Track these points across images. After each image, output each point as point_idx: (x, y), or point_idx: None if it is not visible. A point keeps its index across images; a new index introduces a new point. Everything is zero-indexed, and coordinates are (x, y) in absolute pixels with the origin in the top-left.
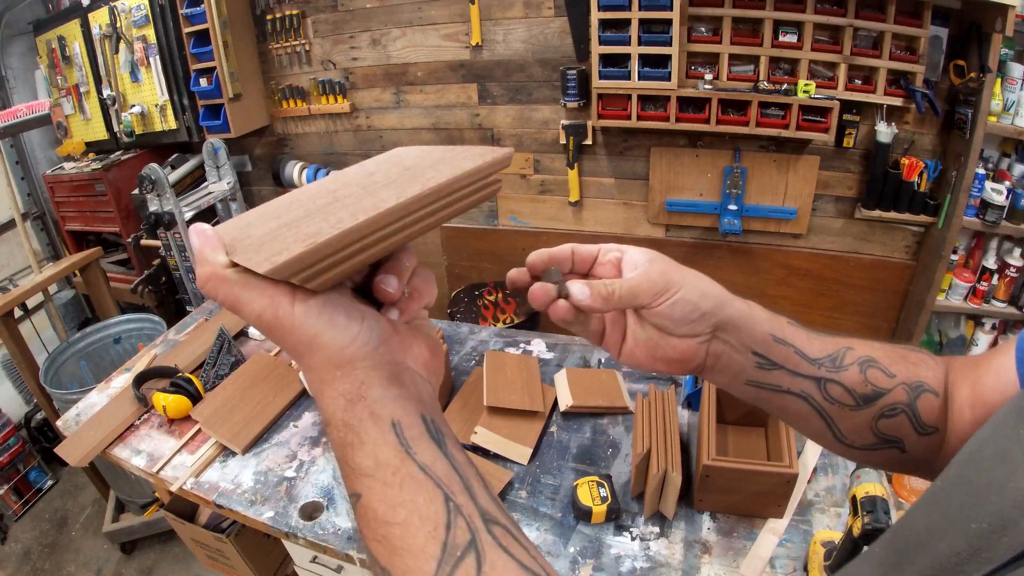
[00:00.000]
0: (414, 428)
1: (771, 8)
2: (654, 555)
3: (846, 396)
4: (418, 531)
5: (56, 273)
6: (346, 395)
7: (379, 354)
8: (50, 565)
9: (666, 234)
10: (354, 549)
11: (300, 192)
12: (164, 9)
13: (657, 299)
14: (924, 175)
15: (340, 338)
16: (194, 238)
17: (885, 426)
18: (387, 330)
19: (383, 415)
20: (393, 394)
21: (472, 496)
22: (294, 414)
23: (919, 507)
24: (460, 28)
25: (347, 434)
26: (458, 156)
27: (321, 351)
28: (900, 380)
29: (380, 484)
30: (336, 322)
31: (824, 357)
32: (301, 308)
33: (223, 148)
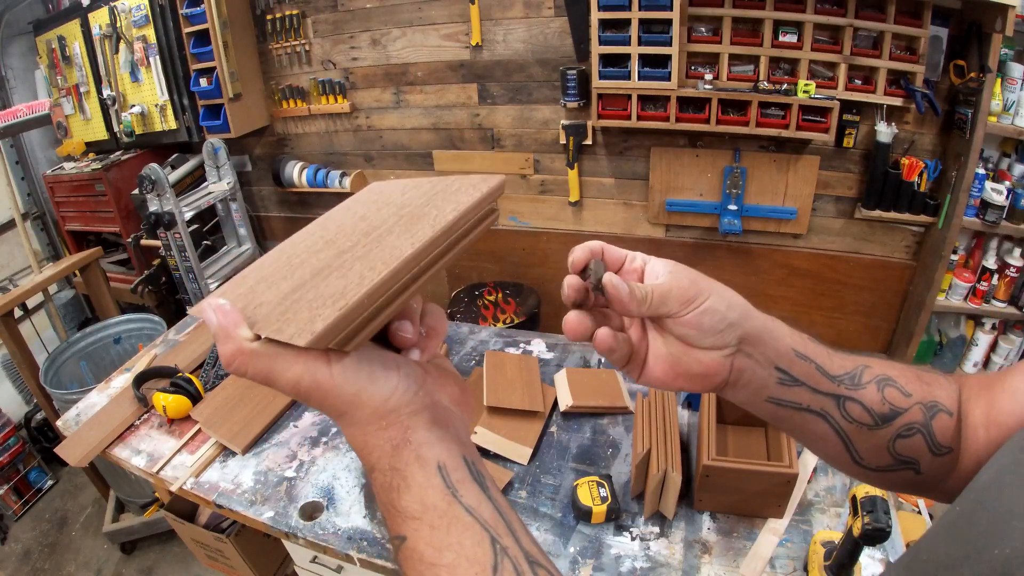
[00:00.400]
0: (459, 471)
1: (771, 8)
2: (654, 555)
3: (865, 415)
4: (466, 573)
5: (56, 273)
6: (392, 441)
7: (419, 398)
8: (50, 565)
9: (666, 234)
10: (354, 549)
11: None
12: (164, 9)
13: (686, 307)
14: (924, 175)
15: (382, 391)
16: (211, 315)
17: (902, 447)
18: (420, 374)
19: (428, 458)
20: (437, 436)
21: (516, 539)
22: (294, 414)
23: (938, 533)
24: (460, 28)
25: (393, 478)
26: (449, 189)
27: (365, 406)
28: (916, 400)
29: (427, 527)
30: (375, 376)
31: (843, 375)
32: (339, 369)
33: (223, 148)
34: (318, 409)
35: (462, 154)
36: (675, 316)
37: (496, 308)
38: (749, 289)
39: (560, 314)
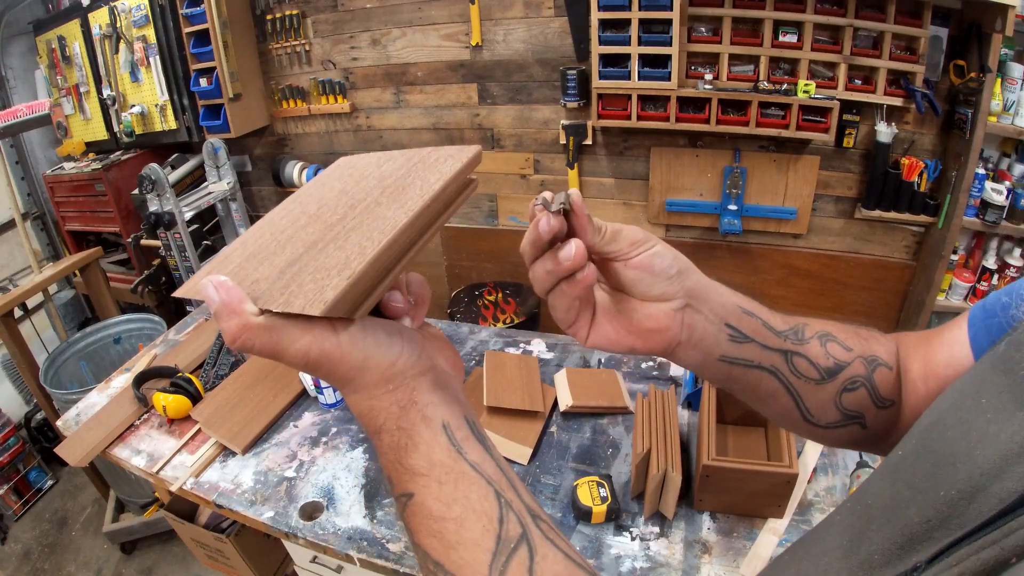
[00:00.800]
0: (462, 429)
1: (771, 8)
2: (654, 555)
3: (811, 370)
4: (473, 525)
5: (56, 273)
6: (399, 402)
7: (422, 361)
8: (50, 565)
9: (666, 234)
10: (354, 549)
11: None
12: (164, 9)
13: (636, 248)
14: (924, 175)
15: (388, 355)
16: (212, 292)
17: (848, 400)
18: (420, 339)
19: (434, 418)
20: (440, 396)
21: (518, 493)
22: (294, 414)
23: (882, 476)
24: (460, 28)
25: (400, 437)
26: (427, 160)
27: (372, 371)
28: (857, 354)
29: (435, 483)
30: (380, 342)
31: (787, 330)
32: (346, 336)
33: (223, 148)
34: (325, 379)
35: None
36: (625, 257)
37: (496, 308)
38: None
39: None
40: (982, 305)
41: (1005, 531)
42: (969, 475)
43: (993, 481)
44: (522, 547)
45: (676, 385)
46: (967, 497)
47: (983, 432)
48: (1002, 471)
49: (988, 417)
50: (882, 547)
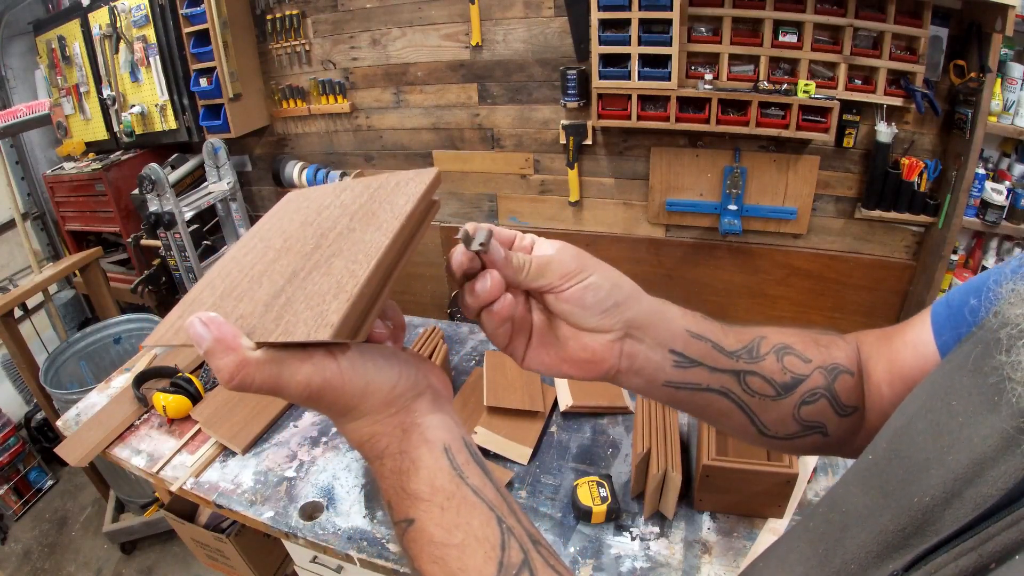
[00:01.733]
0: (462, 453)
1: (771, 8)
2: (654, 555)
3: (766, 387)
4: (476, 552)
5: (56, 273)
6: (401, 425)
7: (420, 382)
8: (50, 565)
9: (666, 234)
10: (354, 549)
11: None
12: (164, 9)
13: (567, 280)
14: (924, 175)
15: (389, 378)
16: (200, 330)
17: (807, 412)
18: (414, 360)
19: (435, 440)
20: (439, 419)
21: (518, 518)
22: (294, 414)
23: (854, 482)
24: (460, 28)
25: (403, 461)
26: (387, 185)
27: (374, 396)
28: (816, 364)
29: (437, 509)
30: (380, 365)
31: (740, 349)
32: (346, 362)
33: (223, 148)
34: (325, 411)
35: (462, 154)
36: (556, 290)
37: None
38: (749, 289)
39: None
40: (946, 302)
41: (982, 537)
42: (943, 481)
43: (967, 487)
44: (523, 574)
45: None
46: (942, 503)
47: (955, 436)
48: (976, 476)
49: (960, 421)
50: (857, 556)
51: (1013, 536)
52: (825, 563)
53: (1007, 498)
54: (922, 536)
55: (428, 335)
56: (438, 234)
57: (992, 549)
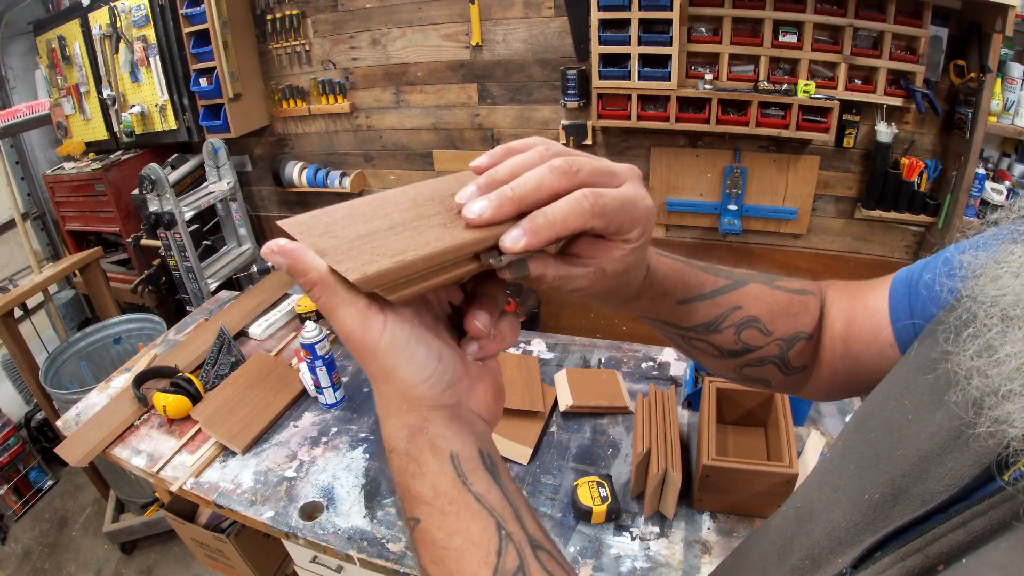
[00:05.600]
0: (471, 461)
1: (771, 8)
2: (654, 555)
3: (710, 348)
4: (472, 557)
5: (56, 273)
6: (410, 426)
7: (445, 397)
8: (50, 565)
9: (666, 234)
10: (354, 549)
11: (384, 199)
12: (164, 9)
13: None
14: (924, 175)
15: (414, 376)
16: (278, 259)
17: (750, 372)
18: (458, 372)
19: (443, 448)
20: (454, 430)
21: (522, 524)
22: (294, 414)
23: (813, 478)
24: (460, 28)
25: (408, 463)
26: None
27: (394, 383)
28: (776, 337)
29: (438, 512)
30: (415, 359)
31: (699, 324)
32: (388, 338)
33: (223, 148)
34: (362, 365)
35: (462, 154)
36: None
37: None
38: None
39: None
40: (907, 275)
41: (929, 538)
42: (891, 477)
43: (914, 483)
44: None
45: (676, 385)
46: (891, 500)
47: (904, 432)
48: (923, 472)
49: (909, 418)
50: (811, 552)
51: (960, 537)
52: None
53: (958, 495)
54: (871, 531)
55: None
56: None
57: (939, 550)
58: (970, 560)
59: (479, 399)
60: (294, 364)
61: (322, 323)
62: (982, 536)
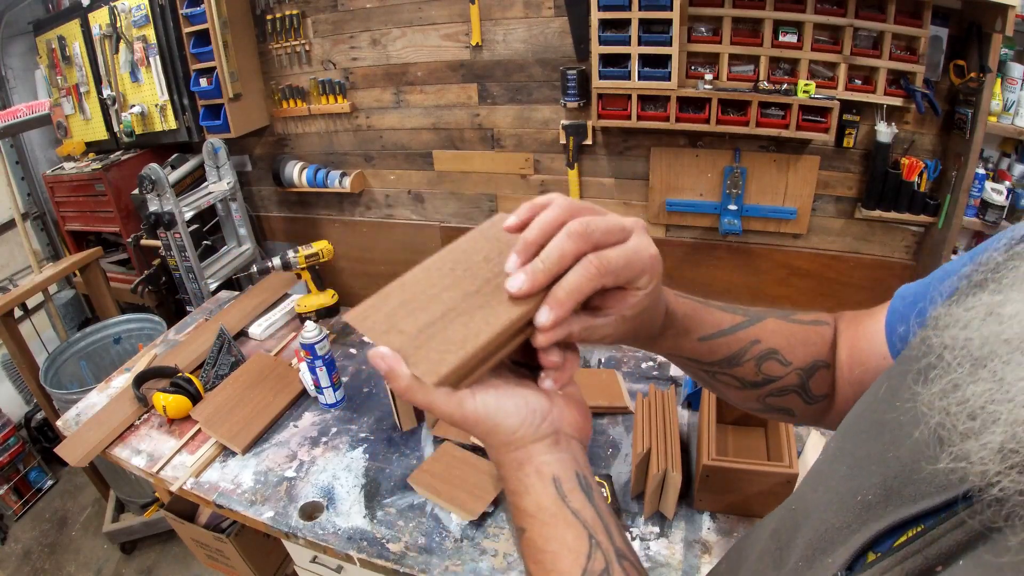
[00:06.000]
0: (569, 482)
1: (771, 8)
2: (654, 555)
3: (733, 381)
4: (565, 559)
5: (56, 273)
6: (517, 460)
7: (542, 429)
8: (50, 565)
9: (666, 234)
10: (354, 549)
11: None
12: (164, 9)
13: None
14: (924, 175)
15: (511, 426)
16: (379, 364)
17: (773, 402)
18: (544, 406)
19: (546, 473)
20: (556, 456)
21: (610, 536)
22: (294, 414)
23: (807, 482)
24: (460, 28)
25: (517, 485)
26: None
27: (498, 435)
28: (795, 367)
29: (539, 523)
30: (508, 413)
31: (723, 359)
32: (481, 407)
33: (223, 148)
34: (469, 432)
35: (462, 154)
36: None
37: None
38: (749, 289)
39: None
40: (901, 296)
41: (928, 539)
42: (884, 478)
43: (906, 484)
44: None
45: (676, 385)
46: (883, 501)
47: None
48: (914, 473)
49: (901, 420)
50: (805, 553)
51: (958, 537)
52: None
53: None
54: (865, 531)
55: None
56: (438, 234)
57: (937, 551)
58: (966, 561)
59: (570, 421)
60: (294, 364)
61: (322, 323)
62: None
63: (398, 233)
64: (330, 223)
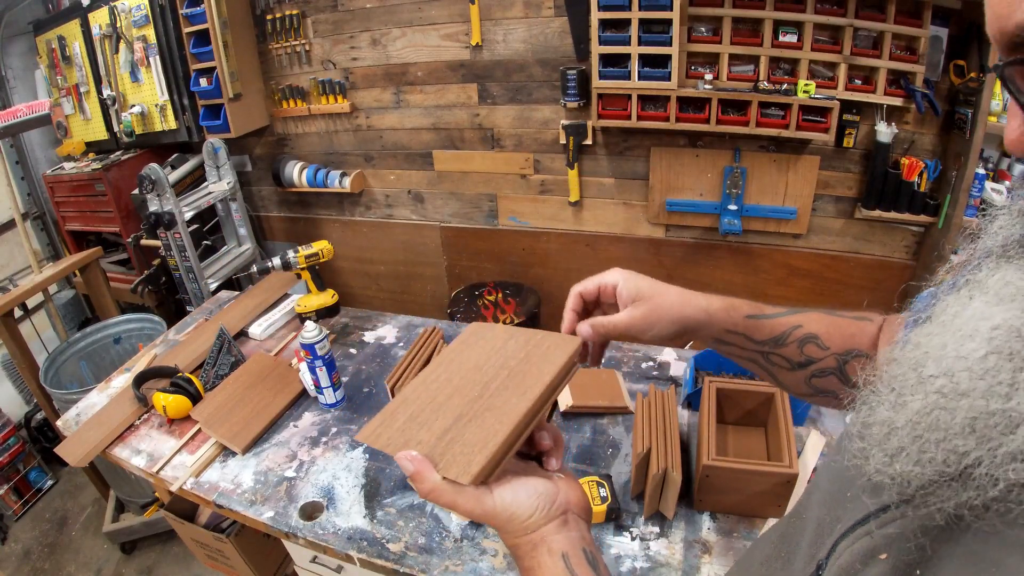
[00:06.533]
0: (577, 558)
1: (771, 8)
2: (654, 555)
3: (783, 362)
4: None
5: (56, 273)
6: (531, 542)
7: (551, 513)
8: (50, 565)
9: (666, 234)
10: (354, 549)
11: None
12: (164, 9)
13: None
14: (924, 175)
15: (526, 515)
16: (408, 463)
17: (818, 383)
18: (553, 491)
19: (556, 550)
20: (564, 535)
21: None
22: (294, 414)
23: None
24: (460, 28)
25: (531, 563)
26: (540, 346)
27: (514, 523)
28: (832, 352)
29: None
30: (522, 504)
31: (769, 339)
32: (499, 503)
33: (223, 148)
34: (488, 525)
35: (462, 154)
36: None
37: (496, 308)
38: (749, 289)
39: (560, 314)
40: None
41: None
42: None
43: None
44: None
45: (676, 385)
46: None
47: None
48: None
49: None
50: (805, 553)
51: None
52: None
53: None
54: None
55: (428, 335)
56: (438, 234)
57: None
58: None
59: (575, 501)
60: (294, 364)
61: (322, 323)
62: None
63: (398, 233)
64: (330, 223)
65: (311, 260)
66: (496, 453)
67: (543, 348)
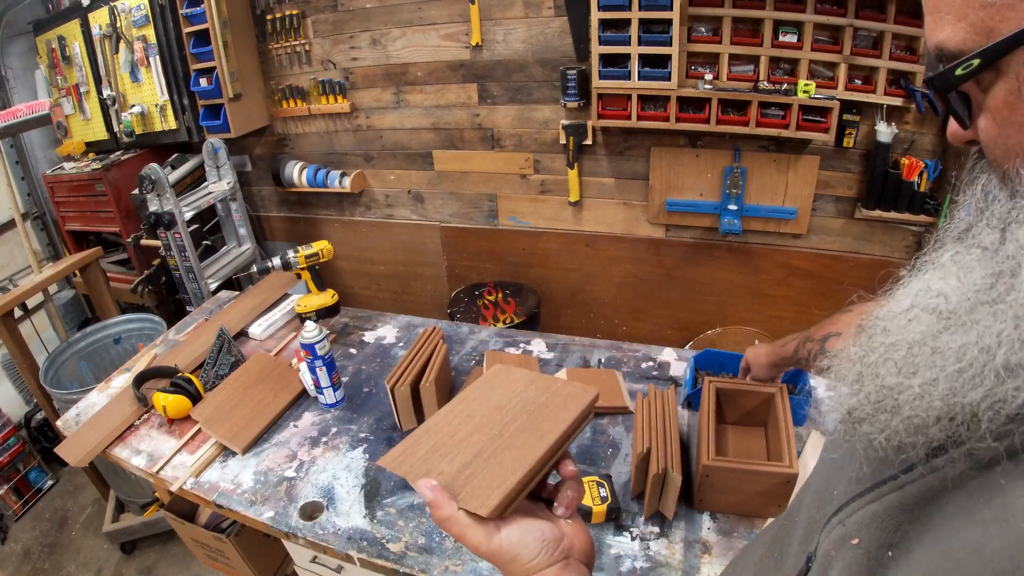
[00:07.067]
0: None
1: (771, 8)
2: (654, 555)
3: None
4: None
5: (56, 273)
6: None
7: (555, 556)
8: (50, 565)
9: (666, 234)
10: (354, 549)
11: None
12: (164, 9)
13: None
14: (924, 175)
15: (530, 555)
16: (427, 491)
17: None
18: (557, 538)
19: None
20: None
21: None
22: (294, 414)
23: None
24: (460, 28)
25: None
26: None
27: (518, 565)
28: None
29: None
30: (527, 544)
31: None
32: (506, 541)
33: (223, 148)
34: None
35: (462, 154)
36: None
37: (496, 308)
38: (749, 289)
39: (560, 315)
40: None
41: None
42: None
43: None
44: None
45: (676, 385)
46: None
47: None
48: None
49: None
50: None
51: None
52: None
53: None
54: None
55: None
56: (438, 234)
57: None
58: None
59: (579, 548)
60: (294, 364)
61: (322, 323)
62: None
63: (398, 233)
64: (330, 223)
65: (311, 260)
66: (513, 490)
67: (561, 396)
